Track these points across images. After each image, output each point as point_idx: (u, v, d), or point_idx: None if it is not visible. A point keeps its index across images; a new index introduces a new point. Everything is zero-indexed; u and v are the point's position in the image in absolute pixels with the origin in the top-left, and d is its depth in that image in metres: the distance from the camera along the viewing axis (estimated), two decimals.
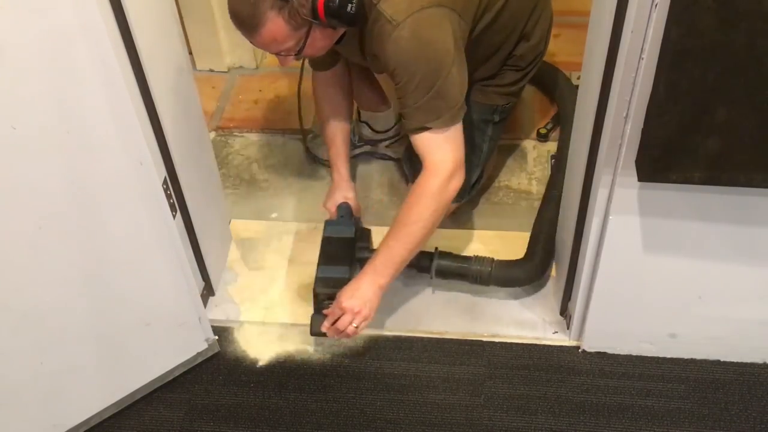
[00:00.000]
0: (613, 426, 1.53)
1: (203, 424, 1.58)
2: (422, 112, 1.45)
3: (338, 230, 1.72)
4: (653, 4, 1.06)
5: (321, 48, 1.50)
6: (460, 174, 1.49)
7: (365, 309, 1.51)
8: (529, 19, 1.73)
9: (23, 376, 1.41)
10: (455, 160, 1.48)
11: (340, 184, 1.81)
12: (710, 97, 1.08)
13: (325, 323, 1.55)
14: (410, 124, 1.48)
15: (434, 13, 1.43)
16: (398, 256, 1.52)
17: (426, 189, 1.47)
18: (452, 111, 1.46)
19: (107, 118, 1.23)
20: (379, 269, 1.52)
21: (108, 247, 1.37)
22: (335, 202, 1.79)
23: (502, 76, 1.78)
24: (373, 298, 1.52)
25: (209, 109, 2.29)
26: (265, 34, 1.38)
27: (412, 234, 1.50)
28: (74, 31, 1.12)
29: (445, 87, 1.43)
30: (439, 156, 1.48)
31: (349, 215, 1.76)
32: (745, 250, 1.39)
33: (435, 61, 1.42)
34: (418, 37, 1.41)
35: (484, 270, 1.69)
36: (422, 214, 1.48)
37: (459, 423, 1.55)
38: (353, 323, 1.51)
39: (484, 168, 1.89)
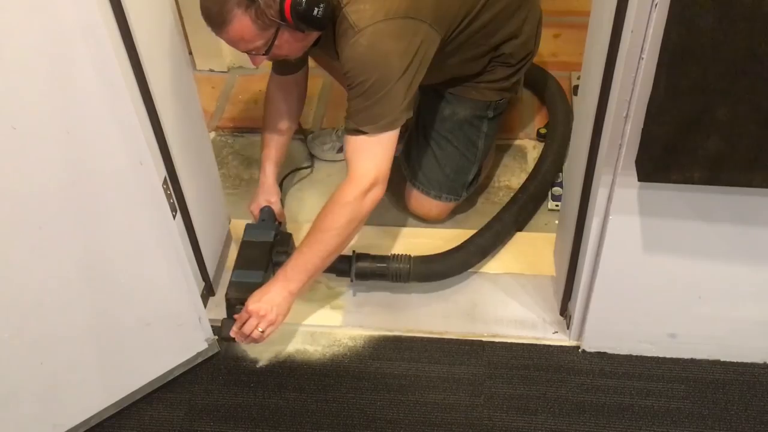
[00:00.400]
0: (613, 426, 1.53)
1: (203, 424, 1.58)
2: (362, 115, 1.47)
3: (257, 234, 1.72)
4: (653, 4, 1.06)
5: (294, 50, 1.52)
6: (381, 187, 1.50)
7: (271, 313, 1.51)
8: (514, 17, 1.73)
9: (23, 376, 1.41)
10: (378, 171, 1.49)
11: (264, 187, 1.82)
12: (710, 97, 1.08)
13: (234, 327, 1.55)
14: (348, 124, 1.49)
15: (398, 24, 1.44)
16: (310, 263, 1.52)
17: (343, 198, 1.48)
18: (389, 118, 1.47)
19: (107, 118, 1.23)
20: (289, 275, 1.52)
21: (108, 247, 1.37)
22: (258, 205, 1.80)
23: (493, 72, 1.78)
24: (282, 303, 1.51)
25: (209, 109, 2.29)
26: (232, 32, 1.40)
27: (324, 241, 1.51)
28: (74, 31, 1.12)
29: (389, 97, 1.45)
30: (363, 164, 1.49)
31: (271, 219, 1.77)
32: (745, 250, 1.39)
33: (385, 73, 1.44)
34: (373, 47, 1.43)
35: (403, 267, 1.71)
36: (336, 223, 1.49)
37: (459, 423, 1.55)
38: (259, 327, 1.51)
39: (482, 166, 1.89)
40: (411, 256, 1.73)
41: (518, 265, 1.82)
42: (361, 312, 1.75)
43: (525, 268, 1.81)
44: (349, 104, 1.50)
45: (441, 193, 1.85)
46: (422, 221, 1.93)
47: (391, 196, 1.99)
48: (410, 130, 1.93)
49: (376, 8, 1.42)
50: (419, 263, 1.73)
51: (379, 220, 1.92)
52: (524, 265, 1.82)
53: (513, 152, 2.11)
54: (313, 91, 2.24)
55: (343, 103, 1.95)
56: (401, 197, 1.95)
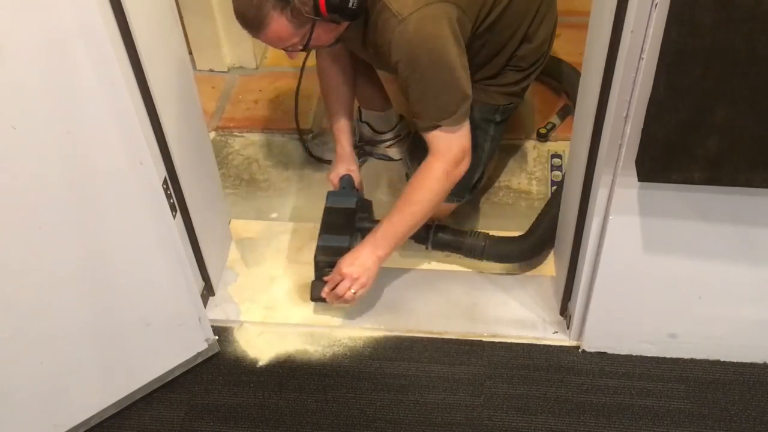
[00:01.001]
0: (613, 426, 1.53)
1: (203, 424, 1.58)
2: (432, 109, 1.49)
3: (340, 200, 1.76)
4: (653, 3, 1.06)
5: (327, 40, 1.53)
6: (467, 160, 1.56)
7: (363, 276, 1.57)
8: (533, 20, 1.73)
9: (23, 376, 1.41)
10: (462, 147, 1.54)
11: (342, 156, 1.85)
12: (710, 97, 1.08)
13: (325, 289, 1.61)
14: (422, 123, 1.52)
15: (439, 8, 1.46)
16: (399, 231, 1.59)
17: (432, 172, 1.54)
18: (463, 106, 1.50)
19: (107, 118, 1.23)
20: (379, 241, 1.58)
21: (108, 247, 1.37)
22: (338, 174, 1.84)
23: (504, 76, 1.78)
24: (372, 267, 1.58)
25: (209, 109, 2.29)
26: (270, 34, 1.42)
27: (414, 213, 1.57)
28: (74, 31, 1.12)
29: (454, 82, 1.48)
30: (446, 142, 1.53)
31: (351, 186, 1.81)
32: (745, 250, 1.39)
33: (440, 55, 1.45)
34: (423, 31, 1.44)
35: (478, 244, 1.74)
36: (426, 196, 1.56)
37: (459, 423, 1.55)
38: (351, 289, 1.57)
39: (485, 168, 1.89)
40: (489, 234, 1.76)
41: (518, 265, 1.82)
42: (361, 312, 1.75)
43: (525, 268, 1.81)
44: (409, 97, 1.50)
45: None
46: None
47: (394, 196, 1.99)
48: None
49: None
50: (494, 243, 1.75)
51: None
52: (524, 265, 1.81)
53: (513, 152, 2.11)
54: (313, 90, 2.24)
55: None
56: None
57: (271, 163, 2.15)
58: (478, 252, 1.75)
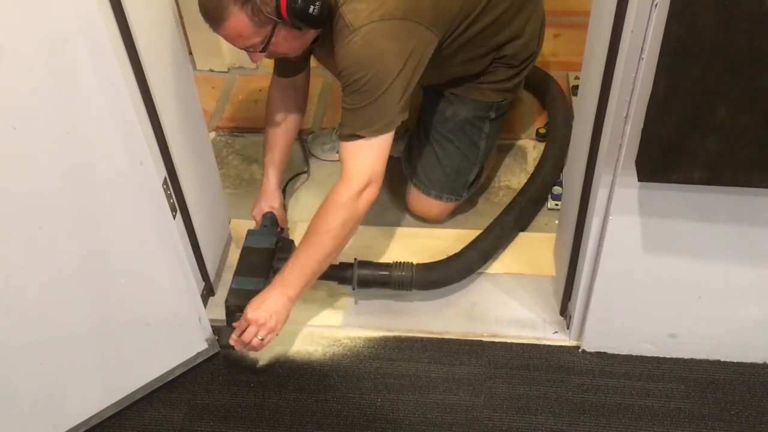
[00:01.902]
0: (613, 426, 1.53)
1: (203, 424, 1.58)
2: (357, 118, 1.46)
3: (259, 240, 1.71)
4: (653, 3, 1.06)
5: (293, 48, 1.52)
6: (375, 186, 1.49)
7: (271, 321, 1.49)
8: (516, 18, 1.73)
9: (23, 376, 1.41)
10: (372, 172, 1.48)
11: (267, 192, 1.81)
12: (710, 97, 1.08)
13: (233, 335, 1.53)
14: (343, 130, 1.49)
15: (393, 25, 1.44)
16: (307, 266, 1.50)
17: (337, 199, 1.47)
18: (386, 120, 1.47)
19: (107, 118, 1.23)
20: (287, 280, 1.50)
21: (108, 247, 1.37)
22: (261, 210, 1.79)
23: (495, 73, 1.78)
24: (281, 310, 1.50)
25: (209, 109, 2.29)
26: (229, 29, 1.41)
27: (320, 244, 1.49)
28: (74, 31, 1.12)
29: (385, 98, 1.44)
30: (356, 165, 1.48)
31: (273, 225, 1.76)
32: (745, 250, 1.39)
33: (381, 72, 1.43)
34: (369, 46, 1.42)
35: (405, 275, 1.69)
36: (331, 224, 1.48)
37: (459, 423, 1.55)
38: (258, 335, 1.49)
39: (483, 167, 1.89)
40: (413, 263, 1.71)
41: (518, 265, 1.82)
42: (361, 312, 1.75)
43: (525, 268, 1.81)
44: (343, 107, 1.49)
45: (442, 194, 1.85)
46: (422, 221, 1.93)
47: (392, 196, 1.99)
48: (411, 130, 1.93)
49: (372, 9, 1.42)
50: (421, 271, 1.71)
51: (379, 220, 1.92)
52: (524, 265, 1.82)
53: (513, 152, 2.11)
54: (313, 91, 2.23)
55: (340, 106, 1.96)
56: (401, 197, 1.95)
57: None
58: (407, 283, 1.69)
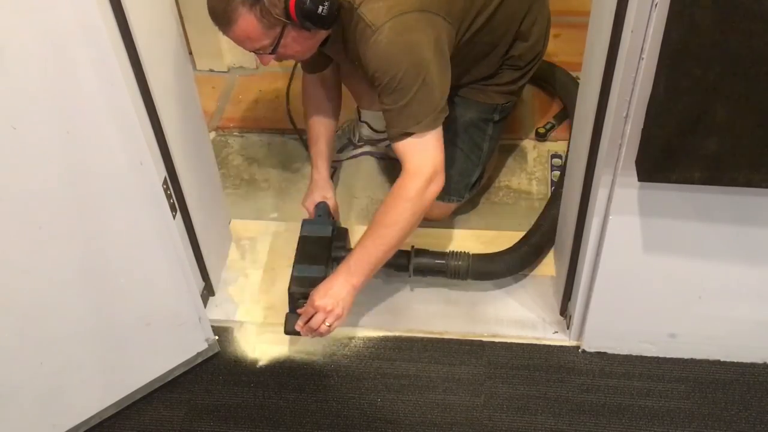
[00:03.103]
0: (613, 426, 1.53)
1: (203, 424, 1.58)
2: (403, 117, 1.45)
3: (315, 229, 1.72)
4: (653, 3, 1.06)
5: (302, 50, 1.51)
6: (440, 178, 1.49)
7: (338, 308, 1.50)
8: (525, 19, 1.73)
9: (23, 376, 1.41)
10: (435, 164, 1.48)
11: (319, 183, 1.82)
12: (710, 97, 1.08)
13: (299, 322, 1.54)
14: (392, 131, 1.48)
15: (414, 17, 1.43)
16: (373, 256, 1.51)
17: (404, 192, 1.47)
18: (432, 114, 1.46)
19: (107, 118, 1.23)
20: (353, 269, 1.52)
21: (108, 247, 1.37)
22: (313, 201, 1.80)
23: (501, 75, 1.78)
24: (346, 297, 1.51)
25: (209, 109, 2.29)
26: (238, 31, 1.40)
27: (388, 236, 1.50)
28: (74, 31, 1.12)
29: (425, 90, 1.44)
30: (418, 160, 1.48)
31: (326, 214, 1.76)
32: (745, 250, 1.39)
33: (414, 64, 1.42)
34: (395, 41, 1.42)
35: (462, 265, 1.70)
36: (399, 217, 1.48)
37: (459, 423, 1.55)
38: (326, 322, 1.51)
39: (485, 168, 1.89)
40: (470, 253, 1.72)
41: None
42: (361, 312, 1.75)
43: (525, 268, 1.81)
44: (384, 109, 1.47)
45: (444, 194, 1.84)
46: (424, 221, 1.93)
47: None
48: None
49: (390, 5, 1.42)
50: (478, 261, 1.72)
51: None
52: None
53: (513, 152, 2.11)
54: None
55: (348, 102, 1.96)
56: None
57: (271, 163, 2.15)
58: (462, 273, 1.70)
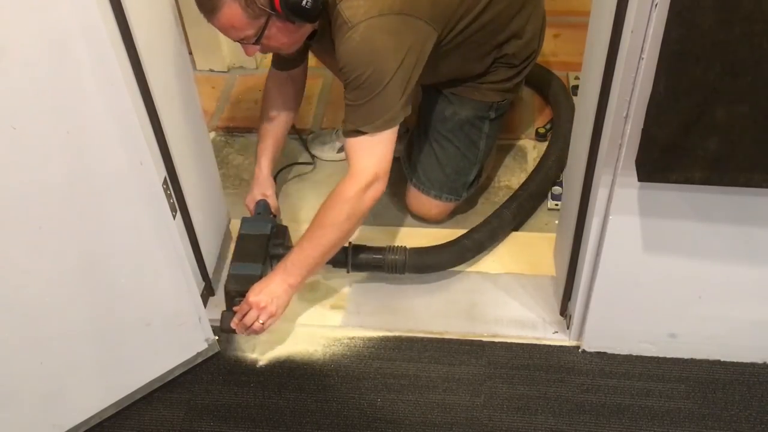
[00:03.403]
0: (613, 426, 1.53)
1: (203, 424, 1.58)
2: (359, 114, 1.47)
3: (254, 227, 1.73)
4: (653, 3, 1.06)
5: (287, 43, 1.52)
6: (382, 182, 1.50)
7: (271, 305, 1.52)
8: (516, 17, 1.72)
9: (23, 376, 1.41)
10: (379, 168, 1.49)
11: (259, 180, 1.83)
12: (710, 97, 1.08)
13: (234, 319, 1.56)
14: (347, 126, 1.49)
15: (391, 20, 1.44)
16: (310, 257, 1.53)
17: (343, 193, 1.49)
18: (388, 115, 1.47)
19: (107, 118, 1.23)
20: (289, 269, 1.53)
21: (108, 247, 1.37)
22: (253, 198, 1.81)
23: (495, 73, 1.78)
24: (281, 295, 1.53)
25: (209, 109, 2.29)
26: (223, 19, 1.41)
27: (324, 237, 1.52)
28: (74, 30, 1.12)
29: (386, 93, 1.45)
30: (363, 162, 1.49)
31: (266, 212, 1.78)
32: (745, 250, 1.39)
33: (380, 67, 1.43)
34: (367, 42, 1.43)
35: (399, 259, 1.71)
36: (336, 218, 1.50)
37: (459, 423, 1.55)
38: (259, 319, 1.52)
39: (483, 166, 1.89)
40: (407, 247, 1.73)
41: (518, 265, 1.82)
42: (361, 312, 1.75)
43: (525, 268, 1.81)
44: (346, 103, 1.49)
45: (441, 193, 1.85)
46: (422, 221, 1.93)
47: (392, 196, 1.99)
48: (411, 129, 1.93)
49: (370, 5, 1.42)
50: (415, 255, 1.73)
51: (378, 220, 1.92)
52: (524, 265, 1.82)
53: (513, 152, 2.11)
54: (313, 91, 2.24)
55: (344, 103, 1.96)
56: (401, 197, 1.95)
57: None
58: (400, 266, 1.71)
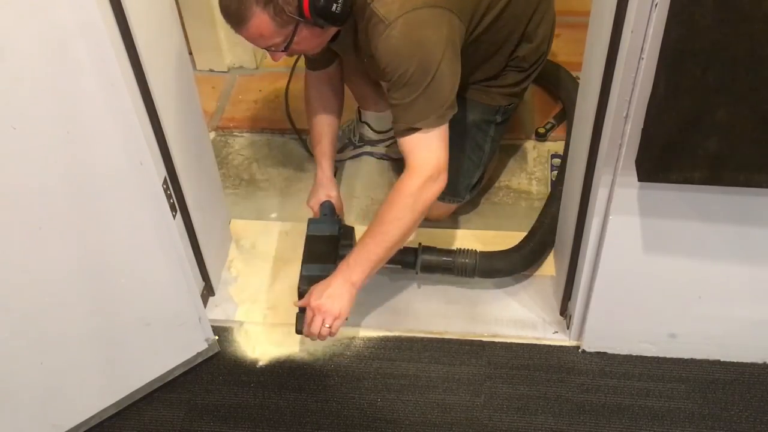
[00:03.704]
0: (613, 426, 1.53)
1: (203, 424, 1.58)
2: (411, 112, 1.45)
3: (322, 228, 1.72)
4: (653, 3, 1.06)
5: (313, 46, 1.51)
6: (442, 177, 1.49)
7: (334, 307, 1.49)
8: (531, 20, 1.73)
9: (23, 376, 1.41)
10: (438, 163, 1.48)
11: (323, 181, 1.81)
12: (710, 96, 1.08)
13: (304, 328, 1.53)
14: (399, 126, 1.48)
15: (427, 13, 1.43)
16: (373, 254, 1.50)
17: (406, 189, 1.47)
18: (440, 111, 1.46)
19: (107, 118, 1.23)
20: (352, 266, 1.50)
21: (108, 247, 1.37)
22: (318, 200, 1.79)
23: (505, 77, 1.78)
24: (344, 295, 1.49)
25: (209, 109, 2.29)
26: (252, 29, 1.40)
27: (388, 233, 1.49)
28: (74, 30, 1.12)
29: (434, 86, 1.43)
30: (422, 157, 1.47)
31: (332, 213, 1.76)
32: (745, 250, 1.39)
33: (425, 60, 1.42)
34: (408, 36, 1.41)
35: (469, 262, 1.70)
36: (399, 214, 1.48)
37: (459, 423, 1.55)
38: (325, 323, 1.49)
39: (486, 169, 1.89)
40: (477, 251, 1.72)
41: None
42: (361, 312, 1.75)
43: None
44: (392, 103, 1.47)
45: (444, 195, 1.85)
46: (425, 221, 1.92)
47: None
48: None
49: (403, 0, 1.42)
50: (485, 259, 1.72)
51: None
52: None
53: (513, 152, 2.11)
54: None
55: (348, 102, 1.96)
56: None
57: (271, 163, 2.15)
58: (470, 270, 1.70)
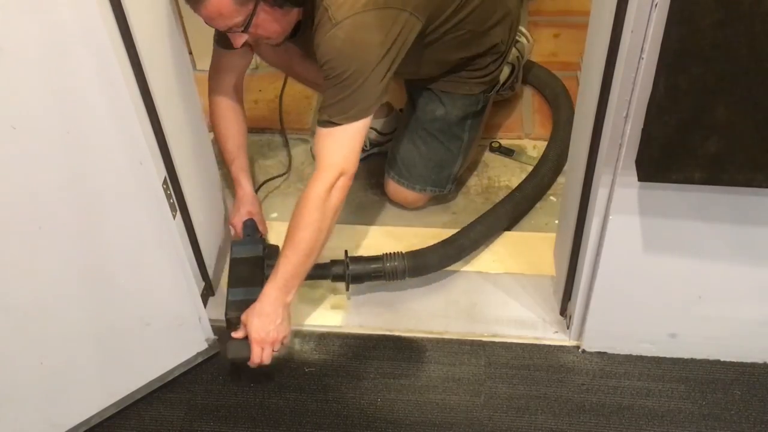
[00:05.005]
0: (613, 426, 1.53)
1: (203, 424, 1.58)
2: (335, 108, 1.47)
3: (246, 250, 1.70)
4: (653, 3, 1.06)
5: (274, 30, 1.50)
6: (348, 176, 1.49)
7: (279, 334, 1.50)
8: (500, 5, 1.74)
9: (23, 376, 1.41)
10: (345, 161, 1.48)
11: (244, 199, 1.80)
12: (710, 97, 1.08)
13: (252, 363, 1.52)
14: (321, 116, 1.49)
15: (376, 15, 1.44)
16: (297, 264, 1.51)
17: (311, 194, 1.48)
18: (360, 106, 1.47)
19: (107, 118, 1.23)
20: (279, 282, 1.51)
21: (108, 247, 1.37)
22: (240, 218, 1.78)
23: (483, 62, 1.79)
24: (281, 315, 1.51)
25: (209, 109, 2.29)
26: (210, 7, 1.40)
27: (303, 240, 1.50)
28: (74, 31, 1.12)
29: (363, 90, 1.45)
30: (329, 156, 1.49)
31: (254, 232, 1.75)
32: (745, 250, 1.39)
33: (361, 65, 1.44)
34: (351, 40, 1.43)
35: (398, 265, 1.69)
36: (309, 218, 1.48)
37: (459, 423, 1.55)
38: (274, 350, 1.51)
39: (466, 158, 1.90)
40: (404, 252, 1.72)
41: (518, 265, 1.82)
42: (361, 312, 1.75)
43: (525, 268, 1.81)
44: (324, 97, 1.49)
45: (426, 186, 1.87)
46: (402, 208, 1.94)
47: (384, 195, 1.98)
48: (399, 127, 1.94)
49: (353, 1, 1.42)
50: (412, 258, 1.71)
51: (378, 221, 1.92)
52: (524, 265, 1.82)
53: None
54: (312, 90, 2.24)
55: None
56: None
57: (271, 163, 2.15)
58: (400, 272, 1.69)
